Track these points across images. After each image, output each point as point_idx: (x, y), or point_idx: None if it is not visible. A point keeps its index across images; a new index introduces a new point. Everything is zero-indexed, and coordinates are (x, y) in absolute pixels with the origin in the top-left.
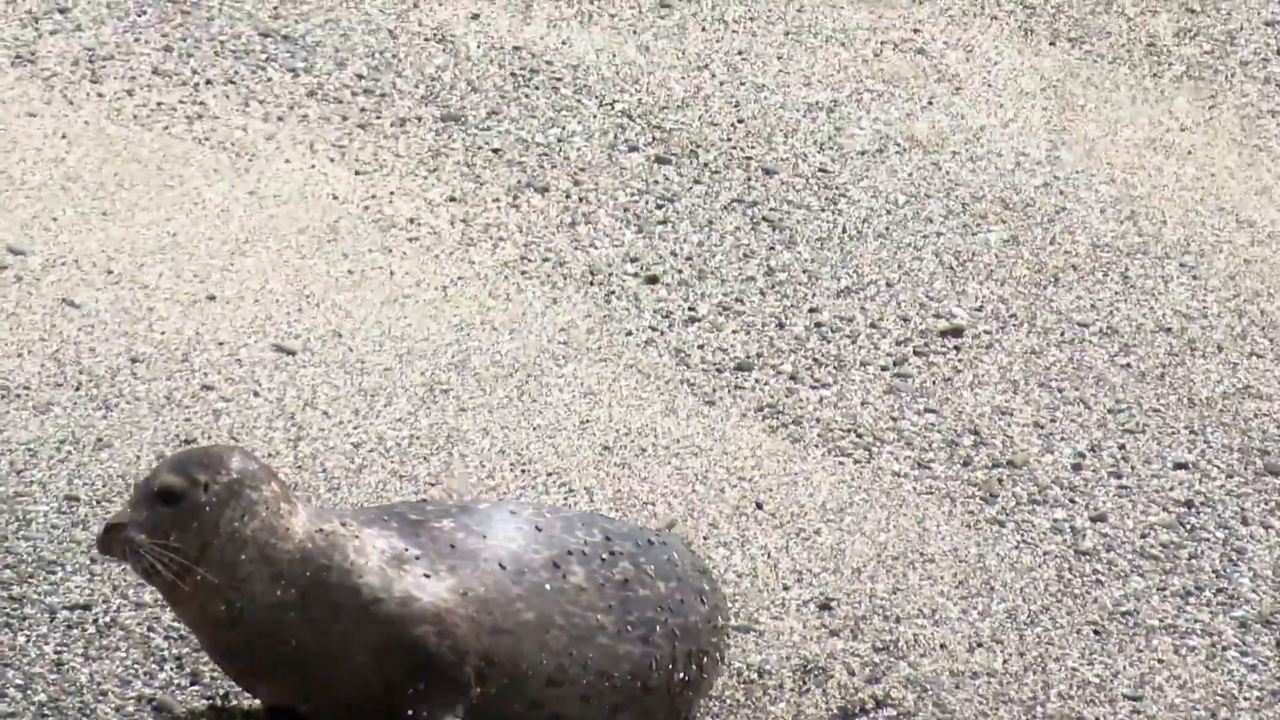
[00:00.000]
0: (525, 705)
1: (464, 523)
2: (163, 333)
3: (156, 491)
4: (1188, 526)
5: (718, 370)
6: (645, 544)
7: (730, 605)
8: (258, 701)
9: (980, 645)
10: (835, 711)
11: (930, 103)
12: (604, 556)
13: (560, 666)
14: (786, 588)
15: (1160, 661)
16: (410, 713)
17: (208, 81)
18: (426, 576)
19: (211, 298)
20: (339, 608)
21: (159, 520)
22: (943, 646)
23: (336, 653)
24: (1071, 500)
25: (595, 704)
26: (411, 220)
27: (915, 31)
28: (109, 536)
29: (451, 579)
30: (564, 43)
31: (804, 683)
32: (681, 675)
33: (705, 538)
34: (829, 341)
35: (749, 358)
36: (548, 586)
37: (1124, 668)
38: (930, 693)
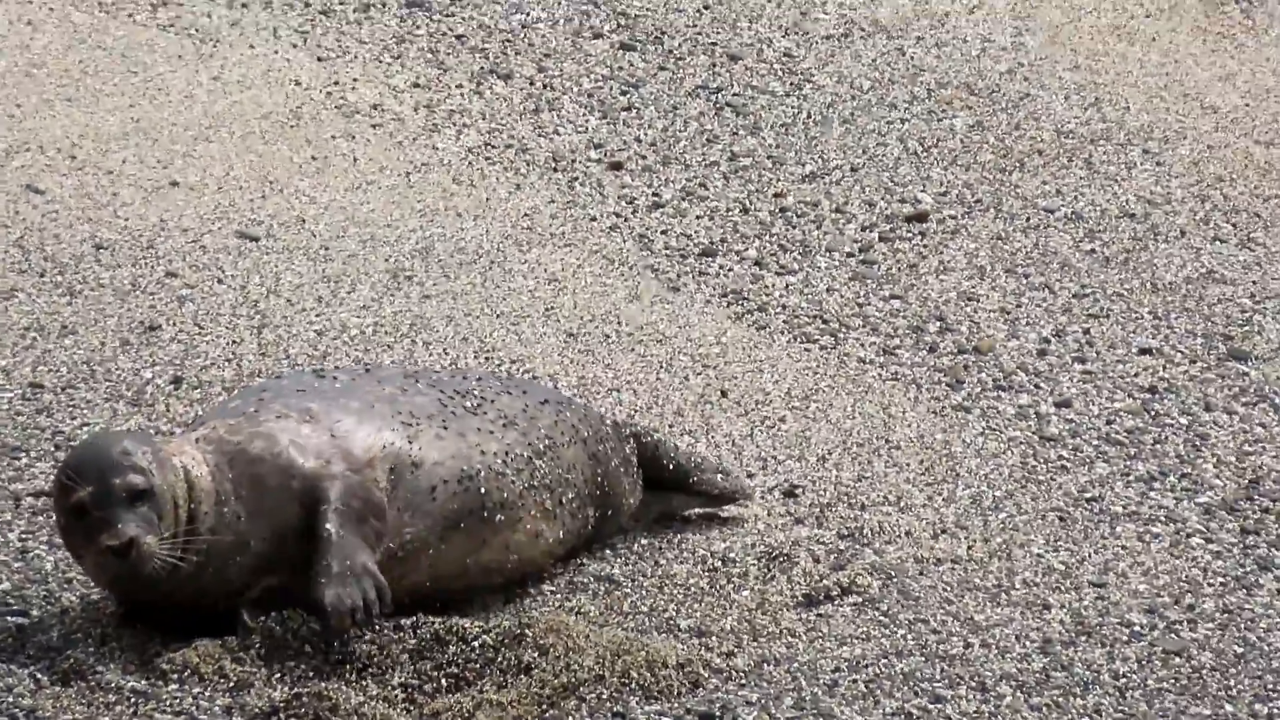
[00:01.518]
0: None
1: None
2: (127, 219)
3: (125, 495)
4: (1152, 412)
5: (682, 256)
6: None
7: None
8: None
9: (945, 532)
10: (800, 599)
11: None
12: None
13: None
14: (751, 475)
15: (1125, 548)
16: (327, 527)
17: None
18: (303, 424)
19: (175, 184)
20: (257, 478)
21: (146, 518)
22: (908, 534)
23: (280, 522)
24: (1036, 386)
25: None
26: (375, 106)
27: None
28: (132, 557)
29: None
30: None
31: (769, 570)
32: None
33: (670, 426)
34: (794, 227)
35: (713, 244)
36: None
37: (1089, 554)
38: (895, 580)
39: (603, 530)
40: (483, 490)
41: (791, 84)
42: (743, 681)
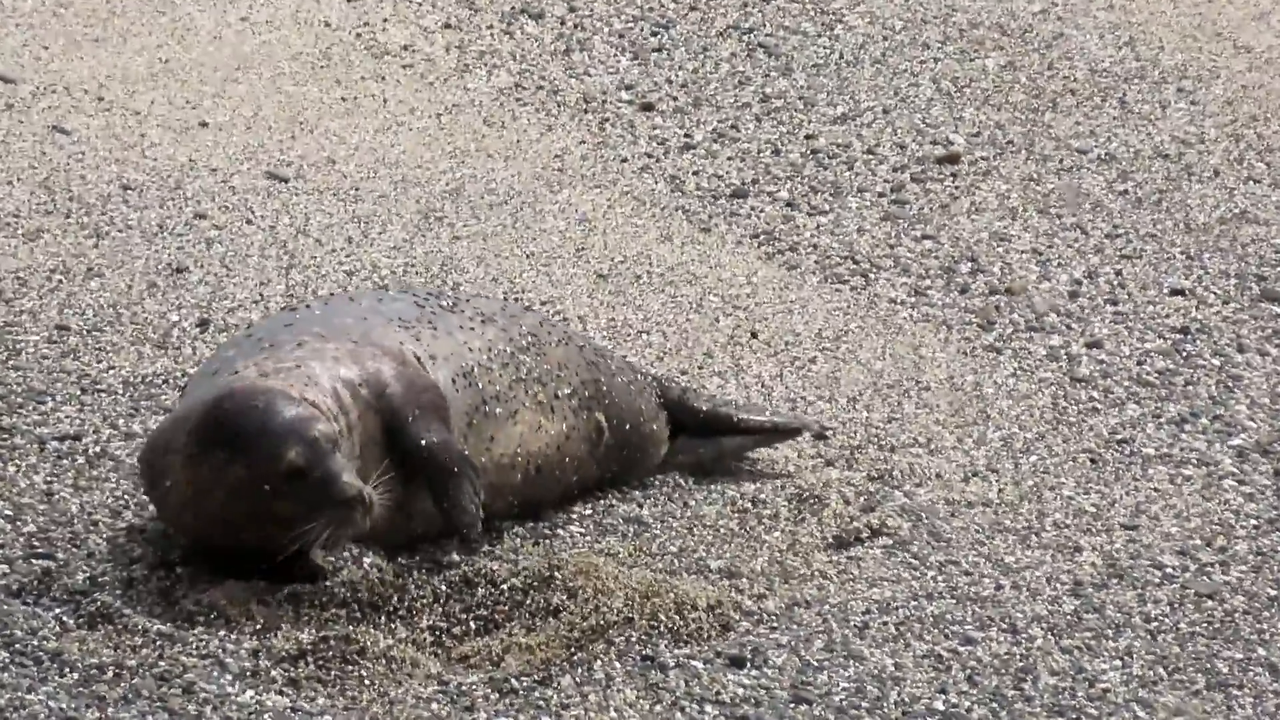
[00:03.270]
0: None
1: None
2: (154, 160)
3: (331, 447)
4: (1184, 353)
5: (713, 197)
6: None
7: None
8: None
9: (976, 474)
10: (830, 540)
11: None
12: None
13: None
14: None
15: (1156, 490)
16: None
17: None
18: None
19: (204, 124)
20: (371, 409)
21: (348, 466)
22: (938, 476)
23: (365, 436)
24: (1068, 327)
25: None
26: (405, 47)
27: None
28: (359, 510)
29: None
30: None
31: (799, 512)
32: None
33: (700, 367)
34: (825, 168)
35: (744, 184)
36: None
37: (1120, 496)
38: (926, 522)
39: (633, 465)
40: (480, 385)
41: (823, 24)
42: (773, 624)
